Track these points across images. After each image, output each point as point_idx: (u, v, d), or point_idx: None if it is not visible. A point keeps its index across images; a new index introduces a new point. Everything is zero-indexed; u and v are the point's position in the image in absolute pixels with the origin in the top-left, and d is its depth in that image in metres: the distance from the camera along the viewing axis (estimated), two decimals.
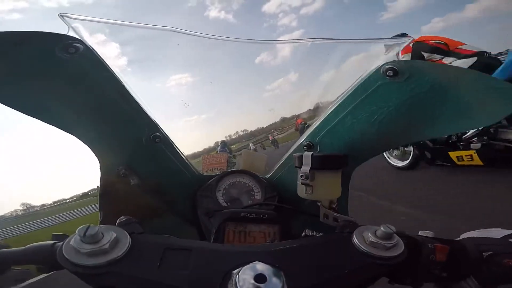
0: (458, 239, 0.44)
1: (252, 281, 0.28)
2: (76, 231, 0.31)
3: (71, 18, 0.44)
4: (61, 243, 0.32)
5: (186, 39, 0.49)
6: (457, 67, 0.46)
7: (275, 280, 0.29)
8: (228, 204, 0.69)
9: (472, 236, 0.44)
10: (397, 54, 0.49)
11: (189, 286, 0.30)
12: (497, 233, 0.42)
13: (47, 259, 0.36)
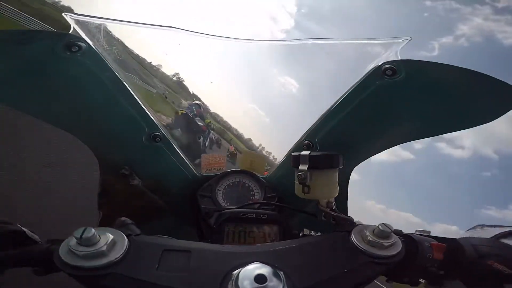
0: (458, 238, 0.44)
1: (253, 281, 0.28)
2: (73, 234, 0.30)
3: (74, 17, 0.44)
4: (58, 246, 0.32)
5: None
6: (456, 66, 0.45)
7: (275, 280, 0.29)
8: (228, 204, 0.69)
9: (472, 234, 0.44)
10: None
11: (189, 287, 0.30)
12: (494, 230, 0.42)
13: (44, 262, 0.36)
